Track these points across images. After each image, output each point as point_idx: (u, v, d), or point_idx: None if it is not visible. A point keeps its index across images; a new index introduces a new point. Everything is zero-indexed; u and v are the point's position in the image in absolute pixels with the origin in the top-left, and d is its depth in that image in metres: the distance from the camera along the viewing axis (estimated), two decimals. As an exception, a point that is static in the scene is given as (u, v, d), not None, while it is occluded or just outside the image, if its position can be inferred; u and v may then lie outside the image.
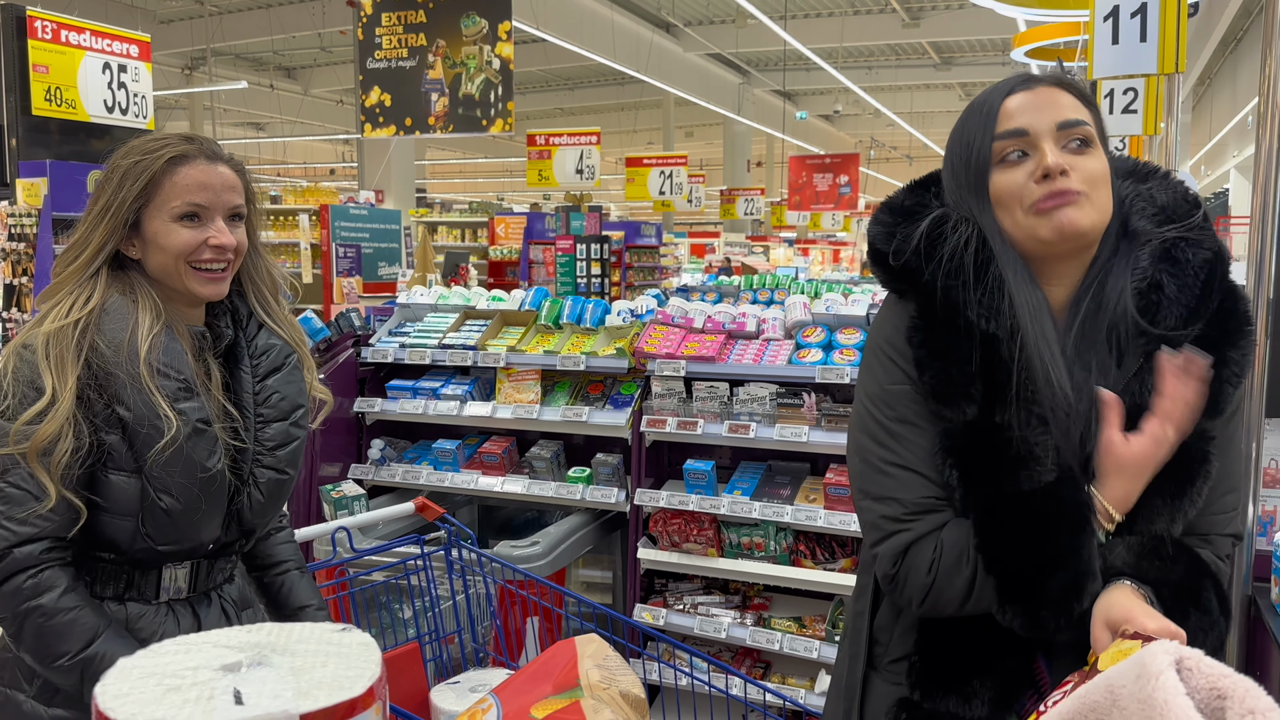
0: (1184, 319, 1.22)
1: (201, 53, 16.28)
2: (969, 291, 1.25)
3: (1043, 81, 1.29)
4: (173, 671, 0.97)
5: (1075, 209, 1.21)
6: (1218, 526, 1.28)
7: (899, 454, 1.30)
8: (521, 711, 1.09)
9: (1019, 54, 9.87)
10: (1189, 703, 0.84)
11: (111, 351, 1.48)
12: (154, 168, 1.55)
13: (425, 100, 8.65)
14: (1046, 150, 1.23)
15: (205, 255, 1.56)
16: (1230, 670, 0.88)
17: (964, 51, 19.15)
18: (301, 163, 27.37)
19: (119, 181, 1.55)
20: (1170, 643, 0.91)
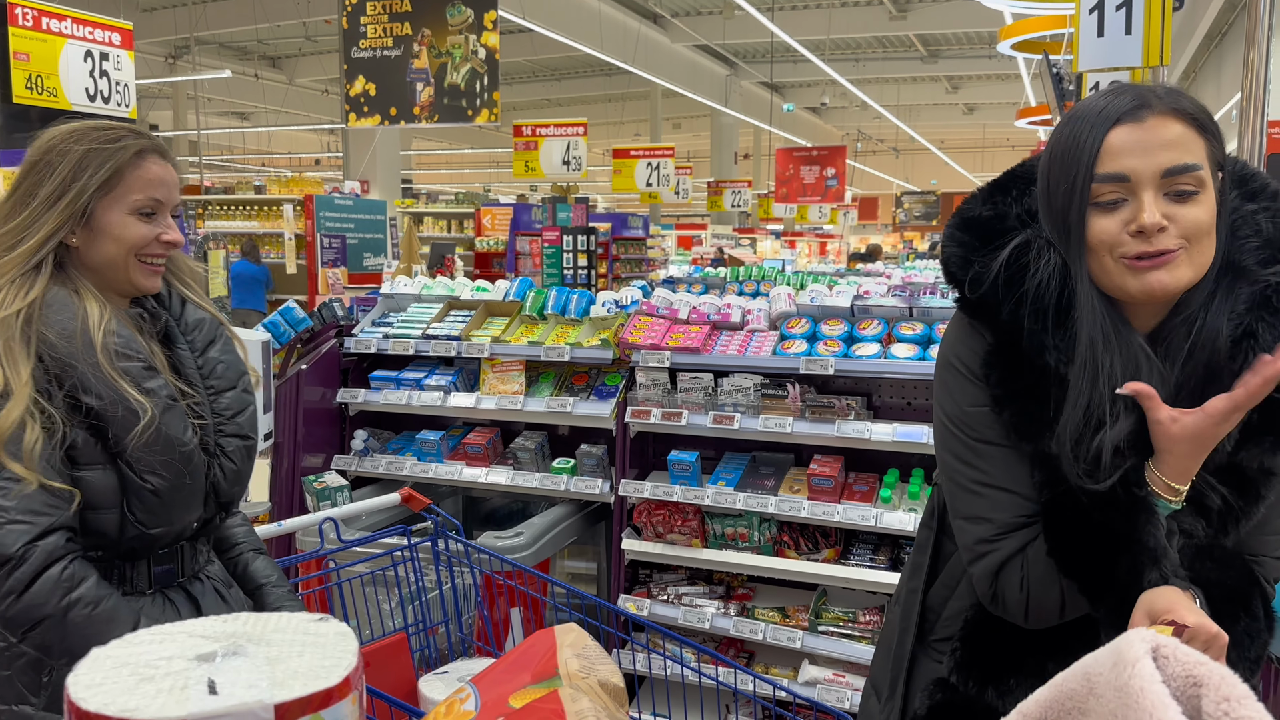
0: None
1: (185, 41, 16.15)
2: (1049, 335, 1.22)
3: (1155, 109, 1.18)
4: (146, 661, 0.96)
5: (1167, 271, 1.17)
6: (1270, 549, 1.27)
7: (986, 473, 1.30)
8: (499, 701, 1.09)
9: (1005, 46, 9.90)
10: (1165, 690, 0.84)
11: (64, 342, 1.46)
12: (120, 159, 1.53)
13: (410, 90, 8.61)
14: (1145, 203, 1.16)
15: (155, 250, 1.57)
16: (1206, 658, 0.88)
17: (951, 44, 19.18)
18: (286, 153, 27.20)
19: (76, 167, 1.51)
20: (1147, 630, 0.91)
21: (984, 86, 22.33)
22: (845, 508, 2.90)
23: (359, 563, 2.66)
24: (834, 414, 2.94)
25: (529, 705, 1.03)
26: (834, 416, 2.94)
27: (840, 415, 2.93)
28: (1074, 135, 1.21)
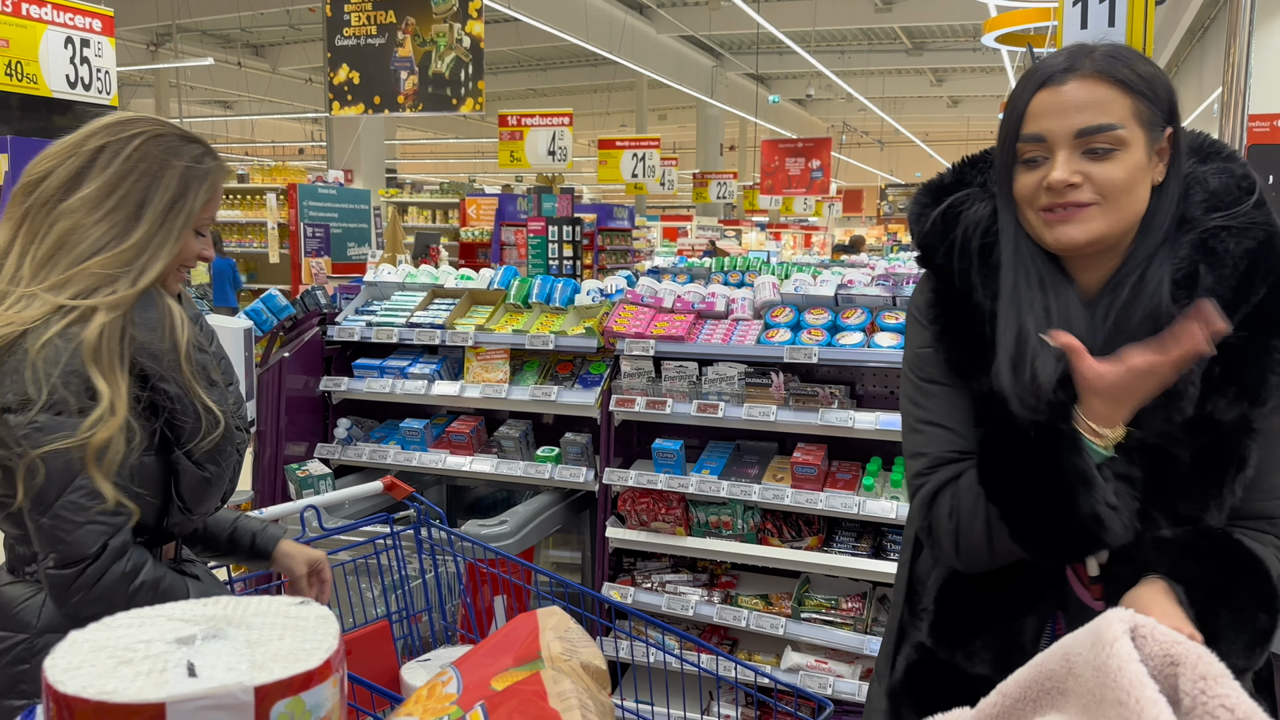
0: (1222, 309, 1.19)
1: (167, 29, 16.00)
2: (974, 274, 1.31)
3: (1079, 71, 1.24)
4: (125, 644, 0.96)
5: (1075, 225, 1.23)
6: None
7: (928, 410, 1.38)
8: (482, 683, 1.09)
9: (989, 39, 9.92)
10: (1143, 669, 0.84)
11: (153, 343, 1.50)
12: (213, 183, 1.60)
13: (394, 78, 8.56)
14: (1057, 162, 1.23)
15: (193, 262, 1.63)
16: (1183, 637, 0.89)
17: (935, 37, 19.22)
18: (269, 141, 27.02)
19: (180, 187, 1.55)
20: (1125, 610, 0.92)
21: (968, 79, 22.40)
22: (828, 496, 2.91)
23: (341, 550, 2.65)
24: (817, 402, 2.94)
25: (511, 687, 1.03)
26: (817, 405, 2.94)
27: (824, 404, 2.94)
28: (1013, 96, 1.30)
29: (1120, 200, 1.23)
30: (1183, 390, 1.21)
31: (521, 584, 2.72)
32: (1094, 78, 1.23)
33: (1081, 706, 0.93)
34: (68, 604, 1.47)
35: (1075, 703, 0.94)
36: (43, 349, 1.43)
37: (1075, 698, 0.94)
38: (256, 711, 0.91)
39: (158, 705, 0.87)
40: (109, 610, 1.48)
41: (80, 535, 1.44)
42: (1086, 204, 1.23)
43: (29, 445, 1.41)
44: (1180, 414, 1.21)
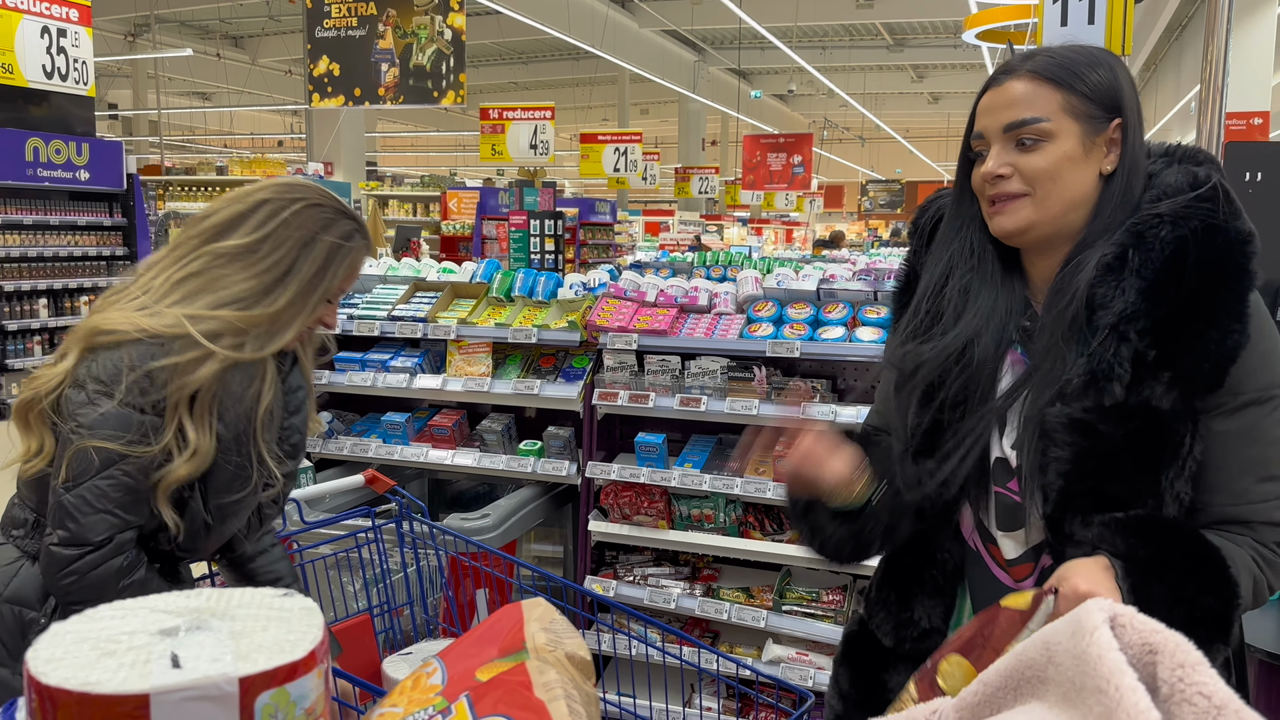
0: (1144, 292, 1.23)
1: (145, 19, 15.84)
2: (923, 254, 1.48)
3: (1014, 73, 1.33)
4: (108, 636, 0.95)
5: (1006, 215, 1.32)
6: (1263, 515, 1.26)
7: (879, 388, 1.58)
8: (466, 674, 1.09)
9: (970, 36, 9.96)
10: (1122, 657, 0.85)
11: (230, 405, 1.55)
12: (358, 260, 1.67)
13: (375, 70, 8.51)
14: (990, 157, 1.32)
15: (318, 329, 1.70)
16: (1162, 626, 0.90)
17: (916, 33, 19.27)
18: (249, 134, 26.80)
19: (325, 262, 1.61)
20: (1105, 600, 0.93)
21: (949, 76, 22.48)
22: (810, 489, 2.92)
23: (322, 544, 2.64)
24: (800, 396, 2.95)
25: (496, 678, 1.03)
26: (800, 399, 2.95)
27: (807, 398, 2.95)
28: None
29: (1047, 189, 1.30)
30: (1109, 372, 1.23)
31: (504, 577, 2.72)
32: (1027, 77, 1.31)
33: (1062, 695, 0.94)
34: (59, 583, 1.51)
35: (1055, 691, 0.95)
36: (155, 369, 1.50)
37: (1055, 686, 0.95)
38: (241, 703, 0.91)
39: (141, 696, 0.87)
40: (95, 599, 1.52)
41: (93, 521, 1.49)
42: (1018, 194, 1.31)
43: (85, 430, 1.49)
44: (1110, 396, 1.23)
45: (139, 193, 6.40)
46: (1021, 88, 1.30)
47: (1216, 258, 1.23)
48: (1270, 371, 1.26)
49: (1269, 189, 2.76)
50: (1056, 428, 1.25)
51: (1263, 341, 1.25)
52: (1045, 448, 1.26)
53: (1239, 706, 0.82)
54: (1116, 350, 1.23)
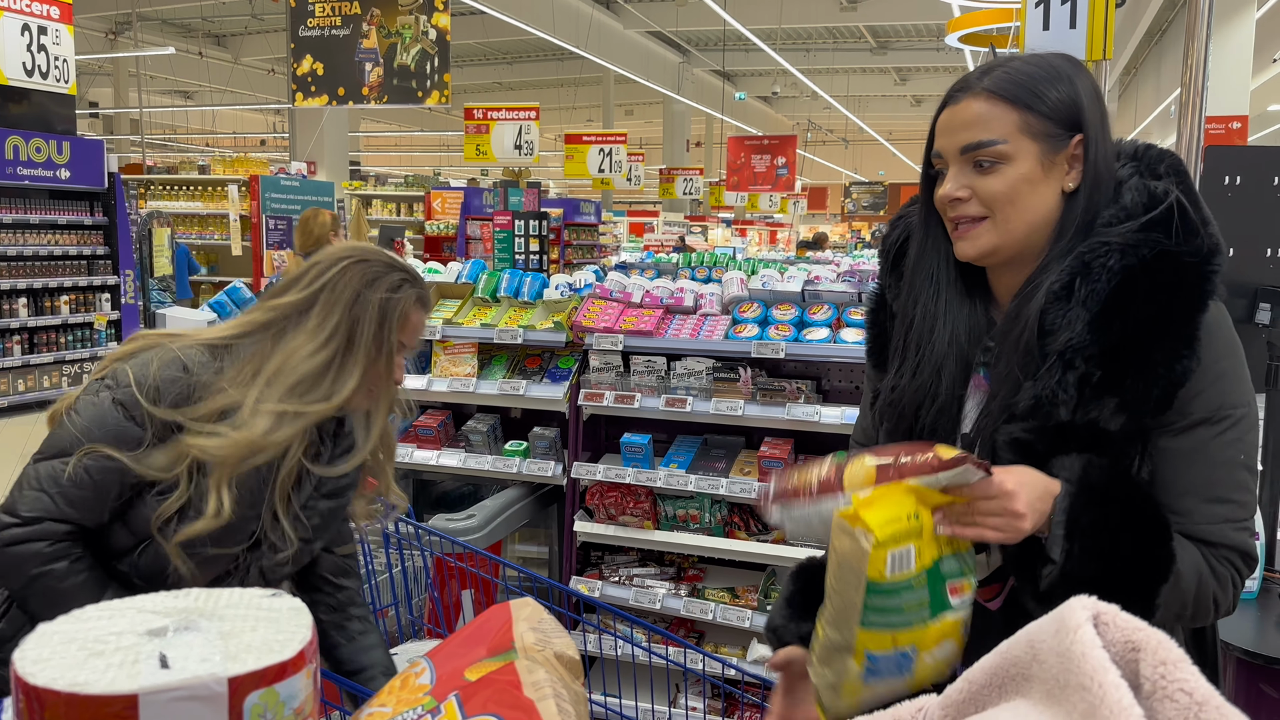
0: (1089, 325, 1.21)
1: (127, 17, 15.73)
2: (887, 276, 1.47)
3: (970, 90, 1.29)
4: (95, 636, 0.95)
5: (967, 241, 1.30)
6: (1211, 536, 1.25)
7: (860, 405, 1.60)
8: (455, 674, 1.09)
9: (953, 39, 10.02)
10: (1105, 655, 0.86)
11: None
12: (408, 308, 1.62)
13: (359, 70, 8.48)
14: (948, 178, 1.30)
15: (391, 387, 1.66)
16: (1145, 624, 0.91)
17: (900, 36, 19.36)
18: (231, 133, 26.65)
19: (381, 317, 1.58)
20: (1089, 598, 0.94)
21: (932, 79, 22.59)
22: (795, 490, 2.94)
23: (308, 545, 2.64)
24: (784, 397, 2.97)
25: (485, 677, 1.04)
26: (784, 400, 2.97)
27: (790, 398, 2.97)
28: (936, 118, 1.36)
29: (1005, 212, 1.27)
30: (1053, 398, 1.22)
31: (489, 578, 2.72)
32: (983, 96, 1.27)
33: (1046, 692, 0.95)
34: None
35: (1040, 688, 0.96)
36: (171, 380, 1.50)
37: (1040, 683, 0.96)
38: (230, 702, 0.91)
39: (130, 696, 0.87)
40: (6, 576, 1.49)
41: (30, 496, 1.48)
42: (978, 218, 1.28)
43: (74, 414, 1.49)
44: (1054, 418, 1.22)
45: (120, 192, 6.36)
46: (978, 107, 1.27)
47: (1166, 284, 1.21)
48: (1222, 394, 1.24)
49: (1247, 193, 2.79)
50: (1002, 448, 1.25)
51: (1217, 363, 1.23)
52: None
53: (1220, 703, 0.83)
54: (1062, 377, 1.21)
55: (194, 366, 1.51)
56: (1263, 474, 2.43)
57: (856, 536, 1.09)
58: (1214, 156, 2.82)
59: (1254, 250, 2.79)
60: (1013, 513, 1.12)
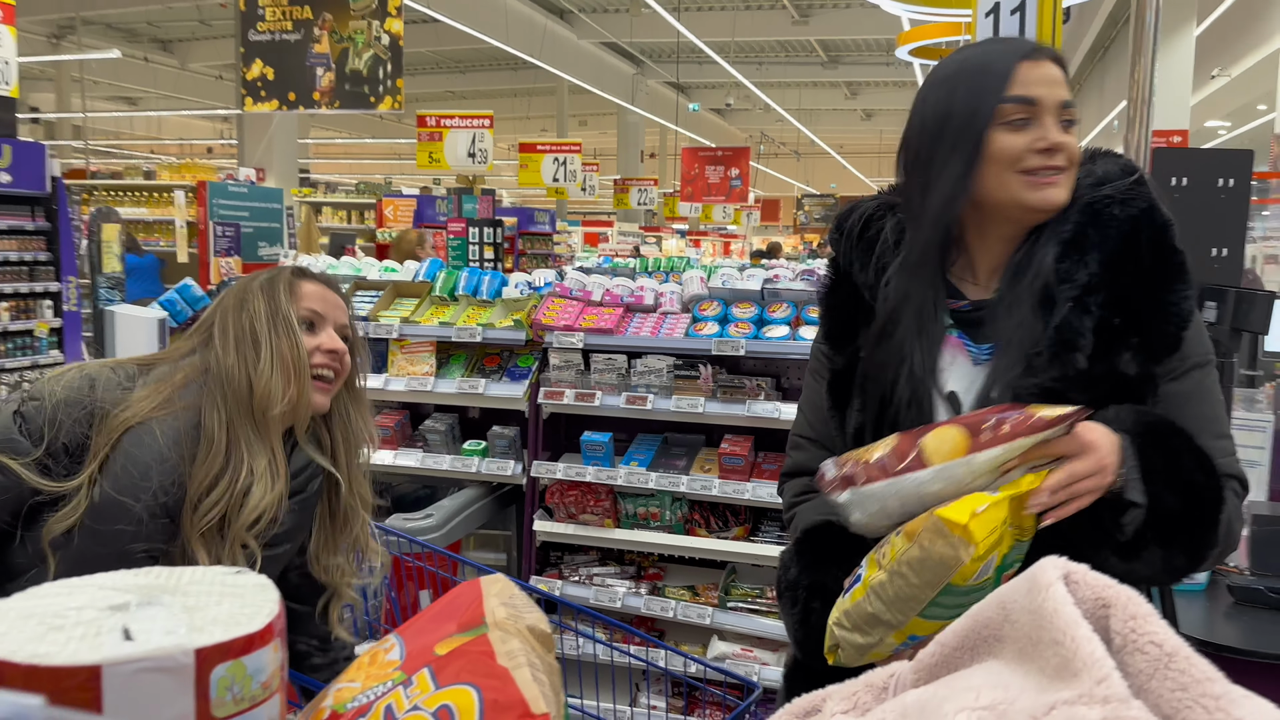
0: (1105, 265, 1.30)
1: (70, 20, 15.40)
2: (853, 252, 1.47)
3: (1046, 55, 1.33)
4: (54, 612, 0.92)
5: (1058, 188, 1.32)
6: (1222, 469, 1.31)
7: (802, 396, 1.57)
8: (425, 649, 1.07)
9: (903, 52, 10.18)
10: (1077, 611, 0.88)
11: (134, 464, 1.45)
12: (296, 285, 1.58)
13: (310, 75, 8.38)
14: (1050, 125, 1.31)
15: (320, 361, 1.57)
16: (1114, 581, 0.92)
17: (850, 50, 19.63)
18: (177, 140, 26.19)
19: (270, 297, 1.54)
20: (1059, 558, 0.96)
21: (881, 94, 22.94)
22: (755, 486, 2.95)
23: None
24: (745, 394, 2.98)
25: (457, 648, 1.02)
26: (745, 397, 2.98)
27: (751, 395, 2.98)
28: (971, 67, 1.35)
29: (1074, 172, 1.34)
30: (1074, 342, 1.29)
31: (449, 576, 2.69)
32: (1055, 63, 1.34)
33: (1018, 651, 0.96)
34: None
35: (1011, 648, 0.97)
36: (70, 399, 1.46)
37: (1011, 643, 0.97)
38: (197, 674, 0.89)
39: (93, 668, 0.84)
40: None
41: None
42: (1064, 168, 1.32)
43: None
44: (1073, 366, 1.28)
45: (63, 197, 6.23)
46: (1056, 71, 1.33)
47: (1162, 232, 1.32)
48: (1203, 338, 1.35)
49: (1193, 194, 2.86)
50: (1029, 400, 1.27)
51: (1194, 311, 1.34)
52: None
53: (1189, 653, 0.84)
54: (1080, 322, 1.29)
55: (101, 384, 1.47)
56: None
57: (955, 545, 1.08)
58: (1161, 158, 2.90)
59: (1200, 250, 2.86)
60: (1103, 466, 1.16)
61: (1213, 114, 17.19)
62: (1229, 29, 12.19)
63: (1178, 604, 2.25)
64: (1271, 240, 7.93)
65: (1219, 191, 2.85)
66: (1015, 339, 1.31)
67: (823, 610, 1.30)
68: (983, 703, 0.88)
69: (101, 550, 1.39)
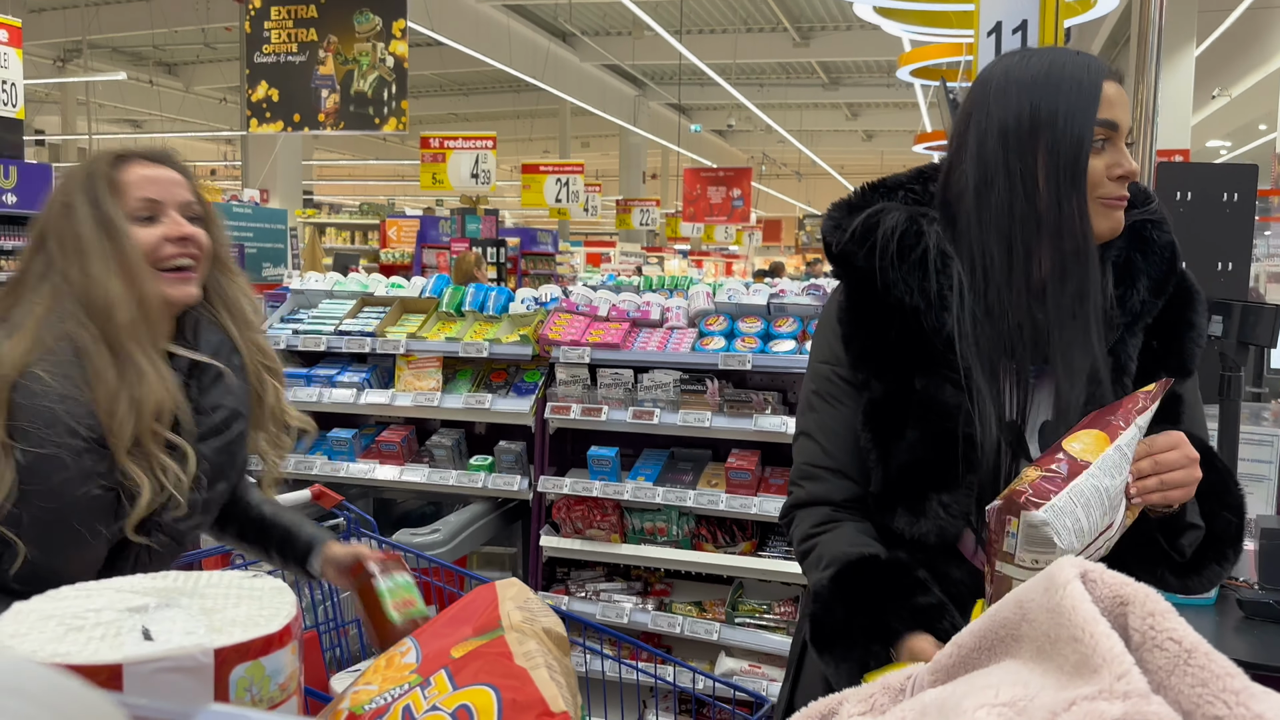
0: (1152, 289, 1.32)
1: (76, 45, 15.53)
2: (896, 271, 1.30)
3: (1117, 76, 1.29)
4: (74, 614, 0.93)
5: (1122, 214, 1.30)
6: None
7: (807, 421, 1.42)
8: (442, 653, 1.08)
9: (904, 73, 10.23)
10: (1095, 608, 0.88)
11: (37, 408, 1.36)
12: (113, 174, 1.44)
13: (315, 96, 8.44)
14: (1124, 151, 1.28)
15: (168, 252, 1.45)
16: (1130, 580, 0.93)
17: (851, 72, 19.75)
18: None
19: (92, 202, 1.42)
20: (1076, 558, 0.96)
21: (882, 114, 23.05)
22: (762, 500, 2.95)
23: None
24: (751, 409, 2.99)
25: (474, 650, 1.02)
26: (751, 411, 2.99)
27: (757, 410, 2.98)
28: (1074, 77, 1.26)
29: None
30: (1126, 367, 1.31)
31: (456, 591, 2.68)
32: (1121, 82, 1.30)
33: (1036, 649, 0.96)
34: None
35: (1029, 647, 0.97)
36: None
37: (1029, 642, 0.97)
38: (216, 675, 0.90)
39: (114, 667, 0.85)
40: None
41: None
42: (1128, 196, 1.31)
43: None
44: (1124, 390, 1.30)
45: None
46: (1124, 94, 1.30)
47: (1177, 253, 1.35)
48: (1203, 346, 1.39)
49: (1199, 208, 2.88)
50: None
51: None
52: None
53: (1207, 649, 0.84)
54: (1129, 346, 1.32)
55: None
56: (1216, 481, 2.48)
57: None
58: (1166, 172, 2.91)
59: (1205, 264, 2.87)
60: (1191, 459, 1.17)
61: (1214, 134, 17.26)
62: (1229, 49, 12.27)
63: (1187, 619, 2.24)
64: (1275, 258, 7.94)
65: (1224, 206, 2.86)
66: (1079, 365, 1.28)
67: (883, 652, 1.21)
68: (1003, 699, 0.88)
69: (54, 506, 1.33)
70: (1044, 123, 1.25)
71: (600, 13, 16.05)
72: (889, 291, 1.31)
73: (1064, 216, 1.24)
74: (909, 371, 1.31)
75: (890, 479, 1.30)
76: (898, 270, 1.30)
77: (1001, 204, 1.27)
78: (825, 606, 1.28)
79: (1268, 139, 15.19)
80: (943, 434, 1.27)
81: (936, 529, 1.28)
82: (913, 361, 1.31)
